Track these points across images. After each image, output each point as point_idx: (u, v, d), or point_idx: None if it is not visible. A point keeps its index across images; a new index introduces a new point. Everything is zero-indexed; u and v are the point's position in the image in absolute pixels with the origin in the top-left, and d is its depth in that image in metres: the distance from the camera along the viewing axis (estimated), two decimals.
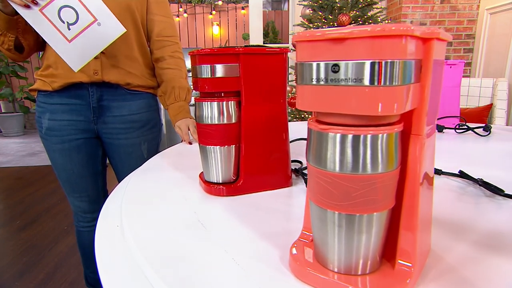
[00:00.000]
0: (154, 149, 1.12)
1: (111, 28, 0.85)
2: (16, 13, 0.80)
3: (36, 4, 0.79)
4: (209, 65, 0.48)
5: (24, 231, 2.04)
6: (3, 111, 5.37)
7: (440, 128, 1.01)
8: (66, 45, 0.84)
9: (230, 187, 0.53)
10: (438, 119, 0.99)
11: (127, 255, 0.38)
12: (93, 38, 0.85)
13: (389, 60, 0.23)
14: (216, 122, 0.52)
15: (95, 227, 0.47)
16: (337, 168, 0.27)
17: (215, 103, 0.52)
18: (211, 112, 0.51)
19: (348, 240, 0.29)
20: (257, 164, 0.54)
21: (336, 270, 0.30)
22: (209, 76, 0.49)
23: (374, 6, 2.79)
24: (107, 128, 1.02)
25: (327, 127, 0.27)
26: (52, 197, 2.59)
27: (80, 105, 0.98)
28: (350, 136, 0.26)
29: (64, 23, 0.82)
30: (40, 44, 0.97)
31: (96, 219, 0.62)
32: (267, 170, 0.55)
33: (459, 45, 3.66)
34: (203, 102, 0.52)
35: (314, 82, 0.26)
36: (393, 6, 3.82)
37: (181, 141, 1.01)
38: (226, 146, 0.53)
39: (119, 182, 0.69)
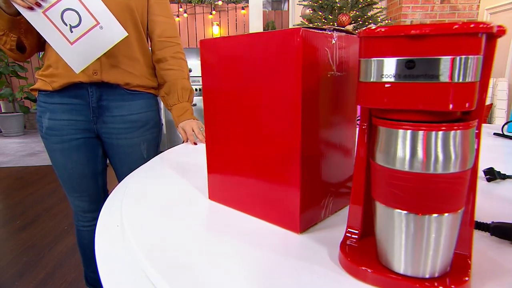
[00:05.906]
0: (154, 150, 1.12)
1: (113, 32, 0.86)
2: (19, 13, 0.81)
3: (40, 6, 0.80)
4: (449, 57, 0.23)
5: (24, 231, 2.04)
6: (3, 111, 5.37)
7: None
8: (68, 47, 0.85)
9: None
10: None
11: (127, 255, 0.38)
12: (95, 41, 0.86)
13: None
14: (443, 171, 0.25)
15: (95, 227, 0.47)
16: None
17: (448, 133, 0.25)
18: (432, 149, 0.25)
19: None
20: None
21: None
22: (445, 80, 0.24)
23: (374, 6, 2.79)
24: (106, 128, 1.02)
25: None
26: (52, 197, 2.59)
27: (79, 105, 0.98)
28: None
29: (66, 25, 0.83)
30: (42, 44, 0.97)
31: (96, 218, 0.62)
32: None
33: None
34: (416, 132, 0.25)
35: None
36: (393, 6, 3.83)
37: (183, 142, 1.01)
38: (453, 212, 0.27)
39: (119, 182, 0.69)
